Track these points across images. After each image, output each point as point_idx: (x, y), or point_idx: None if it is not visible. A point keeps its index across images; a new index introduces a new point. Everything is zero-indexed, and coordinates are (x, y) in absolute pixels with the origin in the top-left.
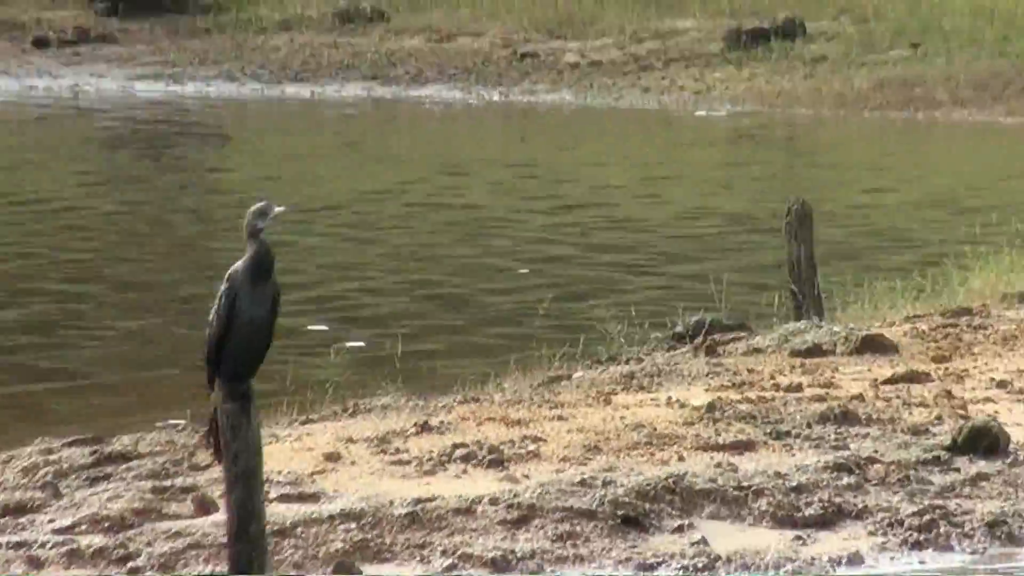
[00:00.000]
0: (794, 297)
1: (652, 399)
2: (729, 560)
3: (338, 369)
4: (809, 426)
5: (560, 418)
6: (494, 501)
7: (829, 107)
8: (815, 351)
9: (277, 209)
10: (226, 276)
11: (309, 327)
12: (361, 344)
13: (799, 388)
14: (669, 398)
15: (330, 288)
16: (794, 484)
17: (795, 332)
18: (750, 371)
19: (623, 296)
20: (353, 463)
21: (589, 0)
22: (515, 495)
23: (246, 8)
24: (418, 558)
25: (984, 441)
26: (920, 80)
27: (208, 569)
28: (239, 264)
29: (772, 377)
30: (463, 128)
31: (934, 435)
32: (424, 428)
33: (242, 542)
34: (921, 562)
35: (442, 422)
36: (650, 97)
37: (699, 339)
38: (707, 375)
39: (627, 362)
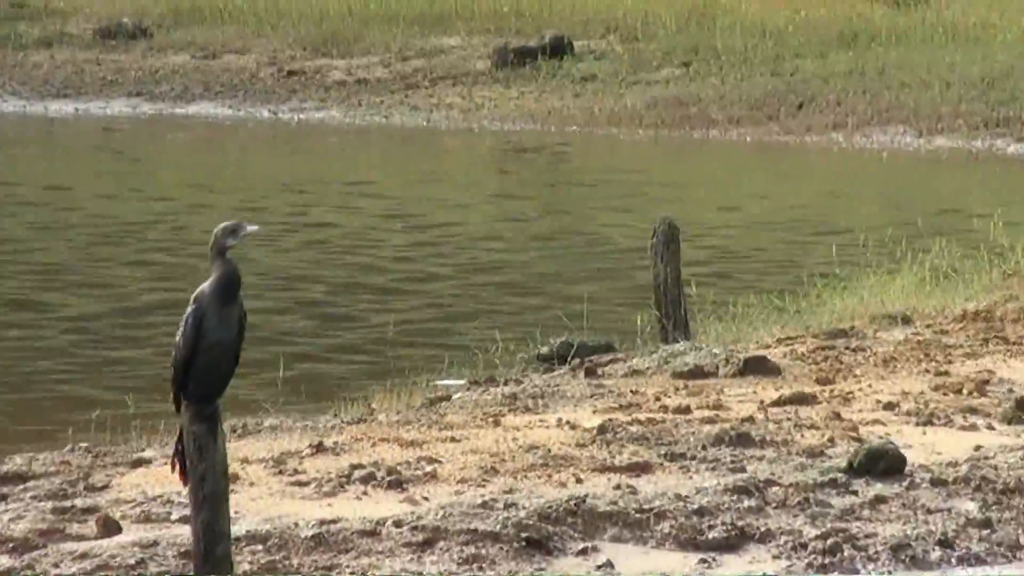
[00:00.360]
0: (660, 318)
1: (541, 421)
2: None
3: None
4: (704, 448)
5: (453, 439)
6: (398, 523)
7: (602, 125)
8: (697, 373)
9: (250, 228)
10: (193, 297)
11: None
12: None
13: (688, 410)
14: (559, 420)
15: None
16: (696, 507)
17: (675, 354)
18: (634, 392)
19: (489, 316)
20: (252, 484)
21: (353, 18)
22: (419, 517)
23: (3, 25)
24: None
25: (881, 463)
26: (694, 99)
27: None
28: (206, 285)
29: (658, 399)
30: (253, 146)
31: (829, 457)
32: (319, 449)
33: (208, 564)
34: None
35: (336, 443)
36: (419, 115)
37: (575, 361)
38: (591, 397)
39: (506, 383)
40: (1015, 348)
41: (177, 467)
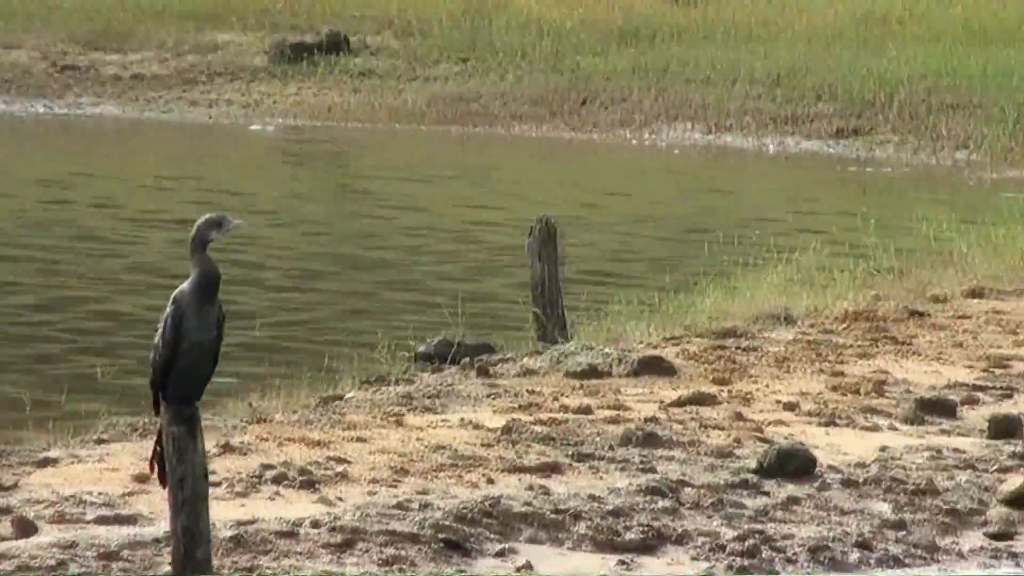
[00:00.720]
0: (539, 317)
1: (443, 421)
2: None
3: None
4: (612, 448)
5: (360, 439)
6: (315, 524)
7: (384, 121)
8: (592, 373)
9: (235, 222)
10: (172, 298)
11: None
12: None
13: (589, 410)
14: (462, 420)
15: (103, 305)
16: (611, 508)
17: (566, 353)
18: (531, 392)
19: (361, 316)
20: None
21: (126, 13)
22: (335, 518)
23: None
24: None
25: (792, 464)
26: (475, 96)
27: None
28: (185, 285)
29: (556, 399)
30: (26, 140)
31: (738, 458)
32: (227, 449)
33: (188, 568)
34: None
35: (243, 443)
36: (198, 111)
37: (464, 360)
38: (489, 396)
39: (397, 383)
40: (904, 348)
41: (155, 469)
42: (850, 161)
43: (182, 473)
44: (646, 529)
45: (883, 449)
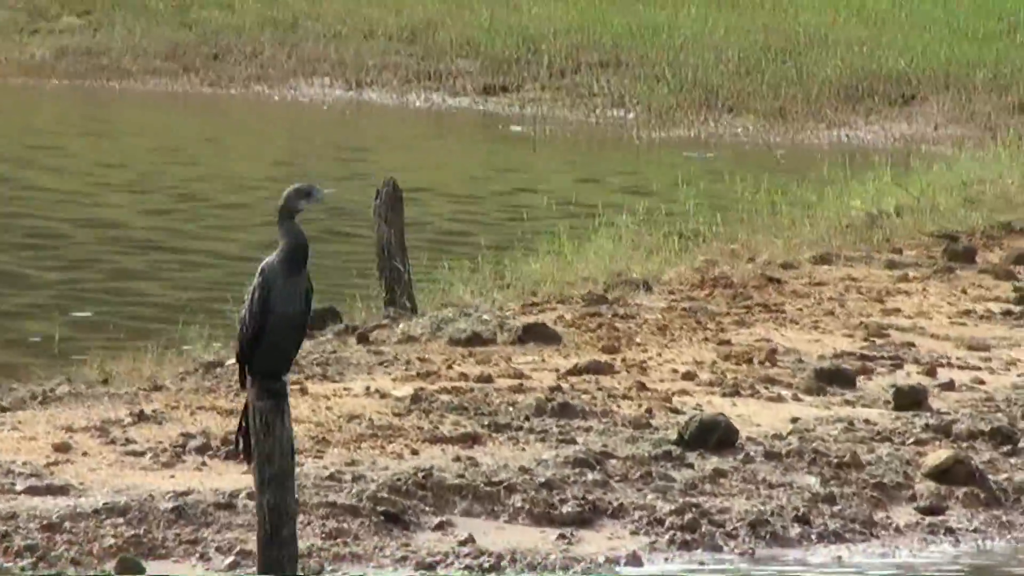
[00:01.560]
0: (385, 282)
1: (346, 389)
2: (514, 560)
3: None
4: (528, 419)
5: None
6: (251, 496)
7: (12, 75)
8: (476, 340)
9: (324, 191)
10: (259, 269)
11: None
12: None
13: (490, 379)
14: (367, 388)
15: None
16: (543, 480)
17: (445, 320)
18: (422, 360)
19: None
20: (86, 454)
21: None
22: None
23: None
24: (196, 554)
25: (714, 436)
26: (105, 49)
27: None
28: (272, 257)
29: (450, 367)
30: None
31: (655, 429)
32: (141, 417)
33: (274, 546)
34: (701, 563)
35: (155, 411)
36: None
37: (336, 326)
38: (381, 365)
39: None
40: (779, 316)
41: (239, 444)
42: (503, 119)
43: (269, 449)
44: (581, 502)
45: (794, 420)
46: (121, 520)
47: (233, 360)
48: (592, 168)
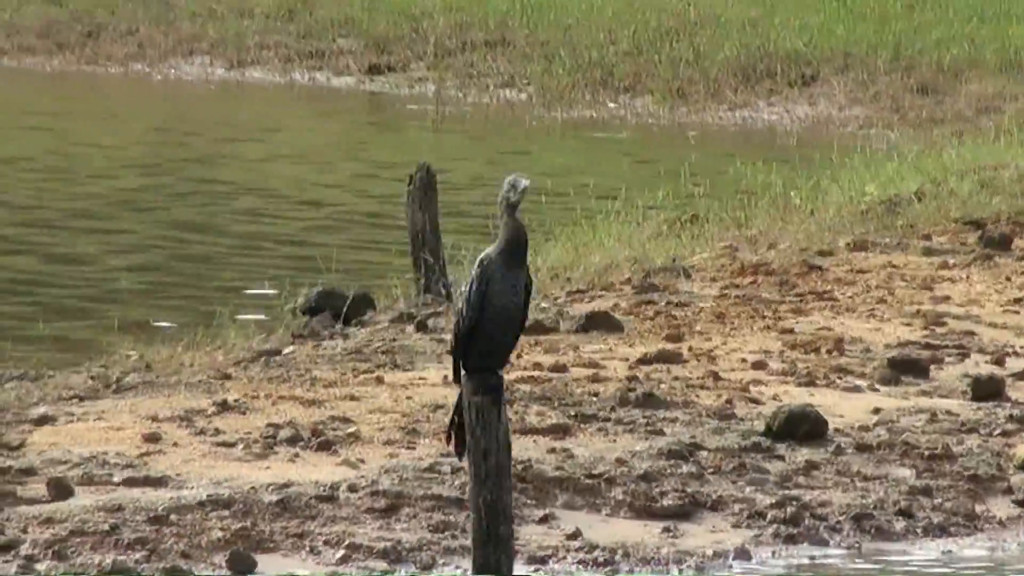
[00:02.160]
0: (419, 269)
1: (421, 379)
2: (626, 554)
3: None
4: (613, 410)
5: (352, 398)
6: (353, 488)
7: None
8: (539, 328)
9: (524, 183)
10: (478, 260)
11: None
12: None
13: (565, 368)
14: (445, 378)
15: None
16: (640, 472)
17: None
18: None
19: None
20: (177, 445)
21: None
22: (373, 482)
23: None
24: (305, 548)
25: (803, 427)
26: None
27: (97, 559)
28: (491, 249)
29: (519, 355)
30: None
31: (740, 419)
32: (225, 407)
33: (490, 545)
34: (811, 557)
35: (237, 401)
36: None
37: (391, 315)
38: (448, 353)
39: (332, 337)
40: (834, 304)
41: (453, 440)
42: (392, 99)
43: (485, 445)
44: (681, 495)
45: (876, 411)
46: (226, 513)
47: (291, 348)
48: (507, 148)
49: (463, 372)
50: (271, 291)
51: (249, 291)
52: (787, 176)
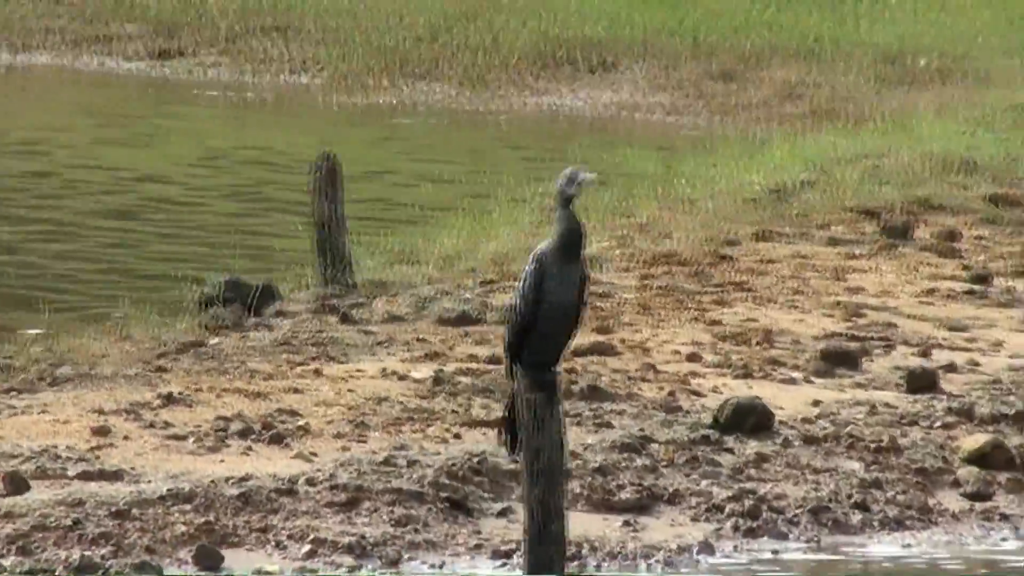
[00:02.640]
0: (323, 257)
1: (359, 371)
2: (593, 548)
3: None
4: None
5: (295, 391)
6: (311, 482)
7: None
8: (465, 319)
9: (586, 176)
10: (532, 256)
11: None
12: None
13: (501, 360)
14: (383, 370)
15: None
16: (595, 465)
17: (427, 298)
18: (421, 340)
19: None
20: (127, 438)
21: None
22: (331, 475)
23: None
24: (271, 543)
25: (750, 419)
26: None
27: (63, 554)
28: (546, 244)
29: (451, 347)
30: None
31: (686, 412)
32: (170, 400)
33: (544, 543)
34: (774, 551)
35: (182, 393)
36: None
37: (315, 304)
38: (379, 345)
39: (256, 328)
40: (753, 294)
41: (506, 437)
42: (184, 84)
43: (539, 443)
44: (638, 489)
45: (816, 404)
46: (188, 507)
47: (216, 341)
48: (320, 134)
49: (517, 368)
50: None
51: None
52: (658, 163)
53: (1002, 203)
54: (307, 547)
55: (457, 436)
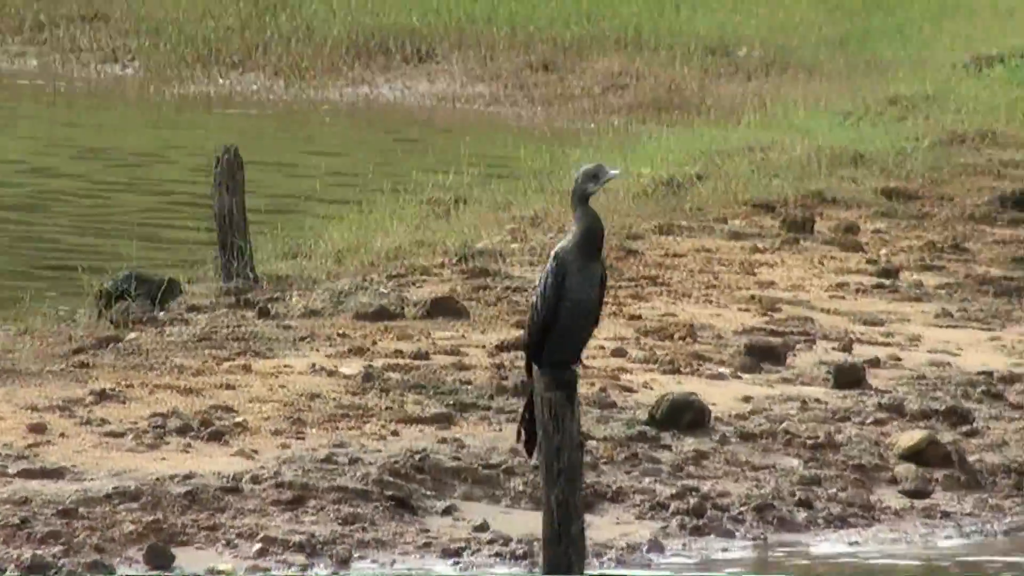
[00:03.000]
0: (224, 251)
1: (287, 367)
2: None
3: None
4: (492, 398)
5: (228, 386)
6: (256, 480)
7: None
8: (384, 314)
9: (611, 172)
10: (552, 254)
11: None
12: None
13: (427, 356)
14: (313, 365)
15: None
16: (536, 462)
17: (344, 293)
18: (343, 336)
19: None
20: (64, 435)
21: None
22: (276, 473)
23: None
24: (221, 541)
25: (687, 416)
26: None
27: (15, 553)
28: (566, 242)
29: (375, 342)
30: None
31: (620, 408)
32: (103, 396)
33: (563, 543)
34: (723, 549)
35: (113, 389)
36: None
37: (227, 298)
38: (302, 340)
39: (173, 323)
40: (668, 289)
41: (523, 437)
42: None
43: (558, 442)
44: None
45: (747, 399)
46: (135, 505)
47: (134, 336)
48: (141, 125)
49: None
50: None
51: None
52: (533, 155)
53: (896, 196)
54: (258, 546)
55: (395, 433)
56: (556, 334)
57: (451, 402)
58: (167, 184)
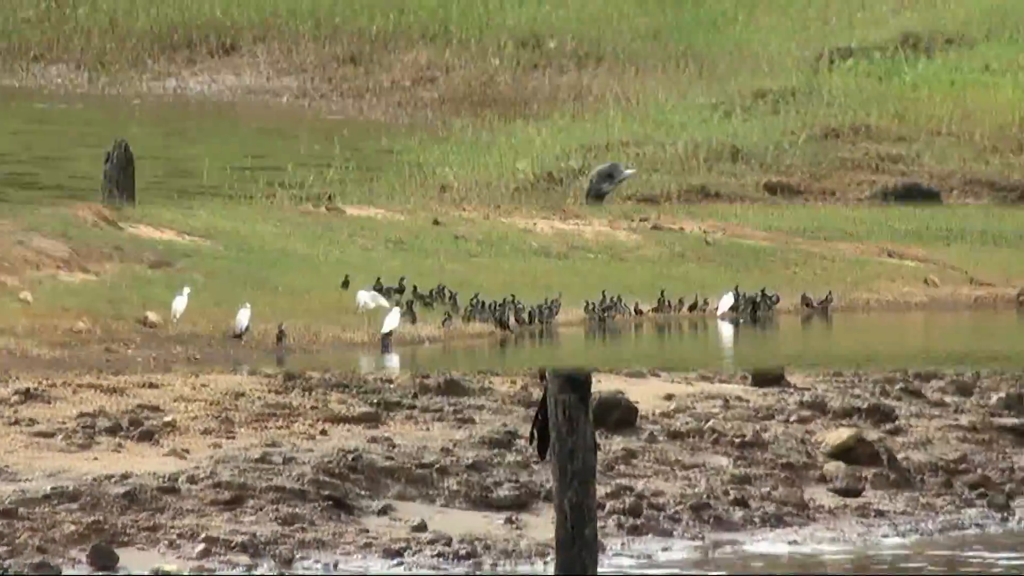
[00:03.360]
0: None
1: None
2: (487, 547)
3: None
4: (416, 397)
5: (151, 385)
6: (192, 480)
7: None
8: None
9: (627, 172)
10: None
11: None
12: None
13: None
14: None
15: None
16: (469, 462)
17: None
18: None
19: None
20: None
21: None
22: (212, 473)
23: None
24: (163, 541)
25: (615, 414)
26: None
27: None
28: None
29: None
30: None
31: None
32: (28, 396)
33: (576, 546)
34: (665, 548)
35: (37, 389)
36: None
37: None
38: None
39: None
40: None
41: (535, 440)
42: None
43: (572, 445)
44: (515, 486)
45: (669, 397)
46: (75, 506)
47: None
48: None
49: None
50: None
51: None
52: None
53: (779, 191)
54: (201, 546)
55: (324, 432)
56: None
57: (376, 401)
58: None
